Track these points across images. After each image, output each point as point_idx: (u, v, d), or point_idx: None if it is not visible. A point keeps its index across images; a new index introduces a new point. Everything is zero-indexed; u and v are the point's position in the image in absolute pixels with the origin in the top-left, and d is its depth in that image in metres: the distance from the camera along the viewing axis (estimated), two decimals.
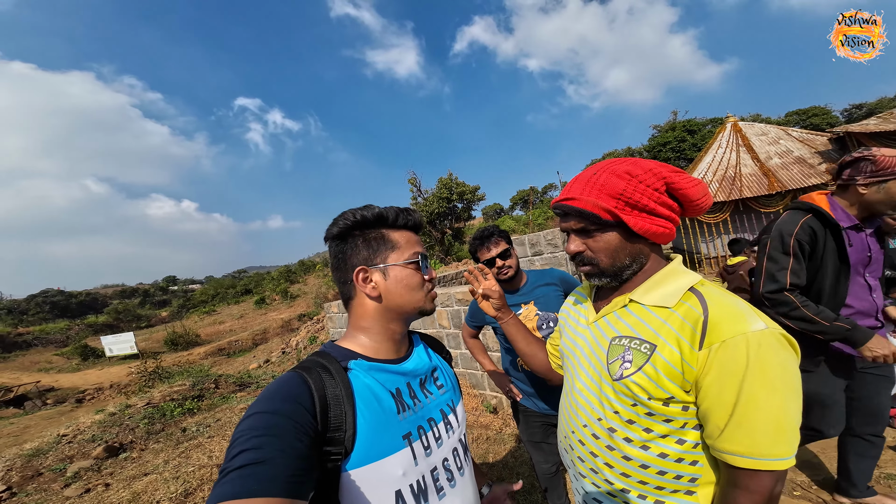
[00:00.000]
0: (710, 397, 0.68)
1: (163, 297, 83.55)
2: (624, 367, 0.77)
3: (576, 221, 0.82)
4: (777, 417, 0.65)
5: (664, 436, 0.75)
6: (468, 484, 0.84)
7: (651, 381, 0.73)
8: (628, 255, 0.81)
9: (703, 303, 0.73)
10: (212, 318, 36.20)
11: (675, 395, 0.72)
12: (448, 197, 20.88)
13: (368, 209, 0.80)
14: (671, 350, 0.72)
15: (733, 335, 0.66)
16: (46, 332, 35.77)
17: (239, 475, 0.50)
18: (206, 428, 4.71)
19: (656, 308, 0.78)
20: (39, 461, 3.99)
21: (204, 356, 19.69)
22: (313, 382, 0.66)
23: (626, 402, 0.77)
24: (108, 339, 24.46)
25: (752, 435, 0.65)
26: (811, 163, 10.71)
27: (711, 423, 0.69)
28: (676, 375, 0.71)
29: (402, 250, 0.80)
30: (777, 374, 0.65)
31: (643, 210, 0.77)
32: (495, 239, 1.81)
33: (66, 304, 61.20)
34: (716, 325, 0.69)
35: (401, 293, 0.80)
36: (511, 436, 3.43)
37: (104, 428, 4.75)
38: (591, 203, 0.78)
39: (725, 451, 0.68)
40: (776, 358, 0.66)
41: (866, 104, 37.63)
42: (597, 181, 0.79)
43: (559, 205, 0.85)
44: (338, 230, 0.80)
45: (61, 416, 10.46)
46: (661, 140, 33.03)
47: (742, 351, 0.65)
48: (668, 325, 0.74)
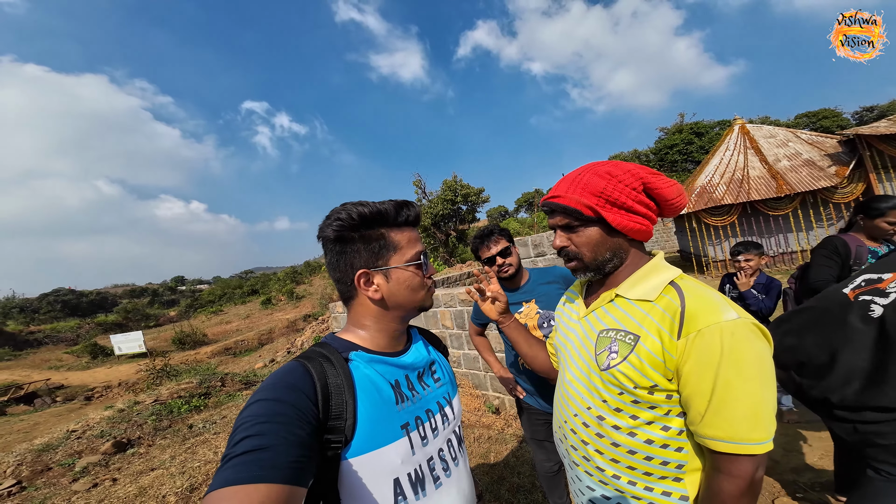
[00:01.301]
0: (690, 385, 0.72)
1: (171, 296, 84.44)
2: (611, 357, 0.82)
3: (561, 217, 0.88)
4: (753, 404, 0.68)
5: (650, 422, 0.78)
6: (463, 474, 0.86)
7: (636, 370, 0.77)
8: (608, 249, 0.87)
9: (681, 295, 0.77)
10: (219, 317, 36.55)
11: (658, 384, 0.76)
12: (452, 199, 20.91)
13: (365, 206, 0.76)
14: (653, 340, 0.76)
15: (708, 325, 0.70)
16: (57, 330, 36.38)
17: (241, 461, 0.51)
18: (212, 425, 4.77)
19: (640, 302, 0.83)
20: (49, 456, 4.07)
21: (211, 355, 19.88)
22: (315, 371, 0.67)
23: (613, 391, 0.81)
24: (117, 338, 24.77)
25: (731, 421, 0.68)
26: (821, 165, 10.57)
27: (693, 410, 0.73)
28: (658, 364, 0.75)
29: (403, 251, 0.79)
30: (751, 362, 0.69)
31: (622, 207, 0.83)
32: (496, 237, 1.82)
33: (77, 303, 62.14)
34: (692, 316, 0.73)
35: (403, 294, 0.80)
36: (513, 436, 3.44)
37: (113, 424, 4.83)
38: (574, 200, 0.84)
39: (707, 437, 0.71)
40: (749, 346, 0.69)
41: (877, 106, 37.10)
42: (580, 180, 0.85)
43: (546, 202, 0.91)
44: (334, 232, 0.76)
45: (70, 413, 10.63)
46: (667, 142, 32.79)
47: (717, 340, 0.69)
48: (650, 318, 0.79)
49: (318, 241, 0.81)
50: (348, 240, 0.77)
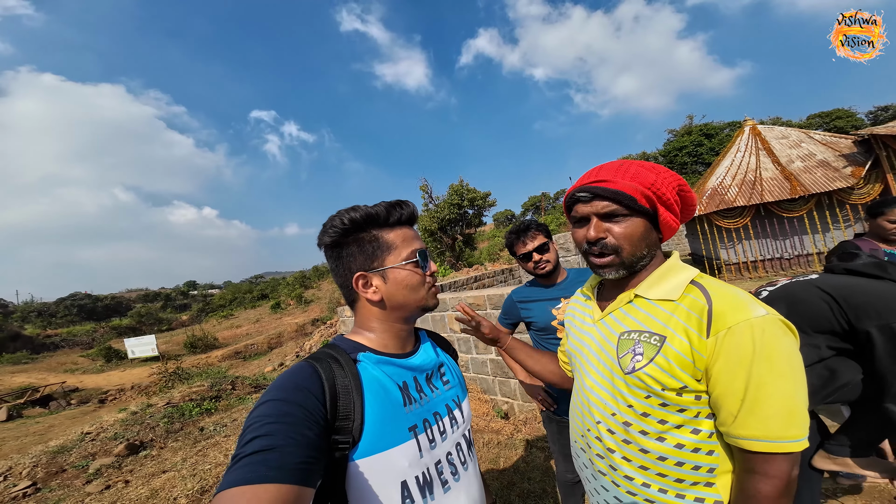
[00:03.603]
0: (721, 384, 0.69)
1: (183, 301, 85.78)
2: (636, 359, 0.78)
3: (607, 204, 0.79)
4: (787, 401, 0.66)
5: (679, 426, 0.75)
6: (472, 480, 0.84)
7: (664, 372, 0.74)
8: (646, 245, 0.81)
9: (706, 293, 0.75)
10: (229, 321, 36.99)
11: (687, 385, 0.73)
12: (459, 203, 20.94)
13: (356, 210, 0.78)
14: (680, 340, 0.73)
15: (738, 322, 0.68)
16: (73, 334, 37.20)
17: (250, 461, 0.51)
18: (222, 427, 4.81)
19: (661, 301, 0.79)
20: (63, 458, 4.13)
21: (221, 359, 20.12)
22: (324, 372, 0.68)
23: (639, 395, 0.78)
24: (130, 342, 25.22)
25: (765, 419, 0.66)
26: (836, 166, 10.34)
27: (724, 411, 0.70)
28: (688, 365, 0.72)
29: (398, 250, 0.79)
30: (783, 359, 0.67)
31: (666, 203, 0.79)
32: (532, 232, 1.75)
33: (93, 307, 63.42)
34: (721, 314, 0.70)
35: (402, 294, 0.80)
36: (522, 441, 3.40)
37: (126, 426, 4.90)
38: (629, 186, 0.77)
39: (740, 437, 0.68)
40: (780, 343, 0.67)
41: (892, 106, 36.32)
42: (627, 169, 0.80)
43: (588, 187, 0.81)
44: (330, 239, 0.79)
45: (84, 415, 10.82)
46: (677, 144, 32.47)
47: (748, 337, 0.67)
48: (675, 317, 0.75)
49: (320, 250, 0.83)
50: (343, 245, 0.79)
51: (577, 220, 0.85)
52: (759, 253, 11.43)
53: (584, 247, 0.84)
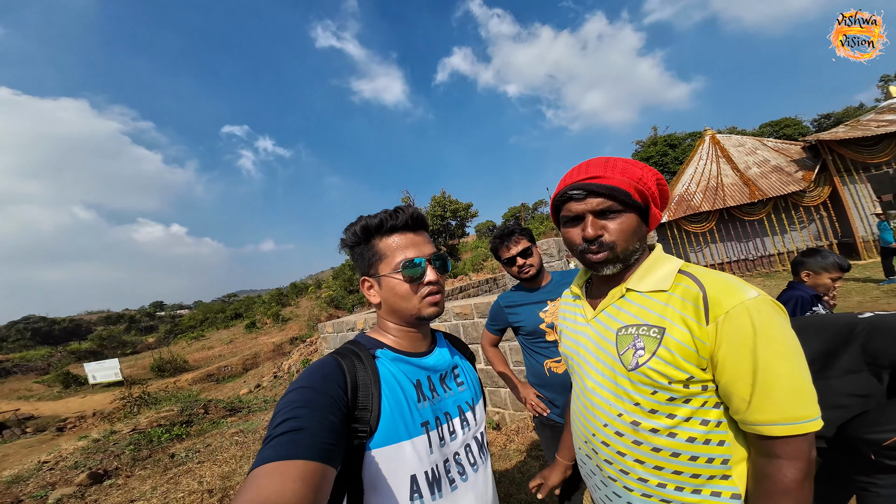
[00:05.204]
0: (729, 370, 0.69)
1: (149, 322, 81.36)
2: (638, 355, 0.76)
3: (601, 201, 0.78)
4: (795, 380, 0.66)
5: (688, 418, 0.74)
6: (482, 481, 0.85)
7: (668, 365, 0.72)
8: (639, 239, 0.81)
9: (697, 280, 0.75)
10: (200, 343, 35.30)
11: (693, 375, 0.72)
12: (442, 214, 21.07)
13: (357, 222, 0.84)
14: (680, 330, 0.72)
15: (734, 305, 0.69)
16: (27, 359, 34.53)
17: (280, 441, 0.56)
18: (195, 453, 4.56)
19: (654, 293, 0.79)
20: (19, 488, 3.83)
21: (192, 382, 19.10)
22: (346, 366, 0.74)
23: (645, 392, 0.76)
24: (91, 366, 23.61)
25: (780, 402, 0.66)
26: (788, 171, 11.09)
27: (736, 397, 0.69)
28: (691, 354, 0.71)
29: (388, 259, 0.81)
30: (781, 339, 0.68)
31: (653, 197, 0.80)
32: (516, 237, 1.77)
33: (49, 331, 59.24)
34: (715, 299, 0.71)
35: (395, 301, 0.82)
36: (515, 451, 3.37)
37: (88, 454, 4.57)
38: (622, 181, 0.77)
39: (758, 423, 0.67)
40: (777, 322, 0.69)
41: (833, 114, 39.26)
42: (615, 165, 0.80)
43: (581, 184, 0.79)
44: (344, 244, 0.87)
45: (42, 444, 10.00)
46: (644, 154, 33.91)
47: (746, 319, 0.67)
48: (670, 307, 0.75)
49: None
50: (354, 249, 0.87)
51: (570, 219, 0.83)
52: (726, 255, 12.02)
53: (580, 245, 0.82)
